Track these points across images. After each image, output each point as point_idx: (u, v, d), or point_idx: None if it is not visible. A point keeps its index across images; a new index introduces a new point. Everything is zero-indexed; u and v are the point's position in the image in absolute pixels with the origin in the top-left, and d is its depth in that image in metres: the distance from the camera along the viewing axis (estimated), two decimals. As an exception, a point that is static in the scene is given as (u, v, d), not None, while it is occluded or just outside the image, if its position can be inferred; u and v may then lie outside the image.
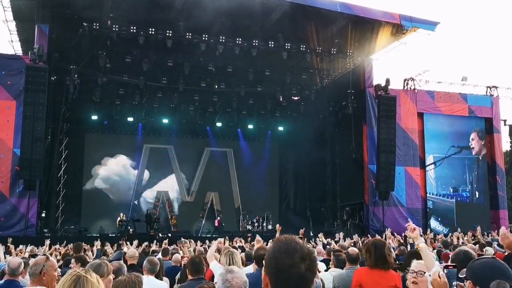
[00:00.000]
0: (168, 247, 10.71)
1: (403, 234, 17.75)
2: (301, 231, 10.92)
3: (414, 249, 7.49)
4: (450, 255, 7.86)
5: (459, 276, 2.66)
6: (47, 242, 13.77)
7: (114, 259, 8.69)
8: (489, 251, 8.09)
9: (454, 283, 2.77)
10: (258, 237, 8.37)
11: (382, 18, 25.15)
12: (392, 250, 6.70)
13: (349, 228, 25.80)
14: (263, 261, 2.16)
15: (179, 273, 7.42)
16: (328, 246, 11.85)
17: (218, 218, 29.29)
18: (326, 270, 7.14)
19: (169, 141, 31.88)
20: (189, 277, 5.17)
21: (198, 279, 5.00)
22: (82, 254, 8.43)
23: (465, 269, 2.58)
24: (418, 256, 5.85)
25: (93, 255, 10.78)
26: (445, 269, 2.95)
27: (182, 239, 15.71)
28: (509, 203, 34.12)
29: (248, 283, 2.69)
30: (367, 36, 25.94)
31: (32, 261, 5.01)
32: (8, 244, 12.94)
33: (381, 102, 25.45)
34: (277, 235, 8.87)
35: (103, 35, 23.36)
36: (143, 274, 5.81)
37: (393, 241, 14.56)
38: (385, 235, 16.33)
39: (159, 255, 9.63)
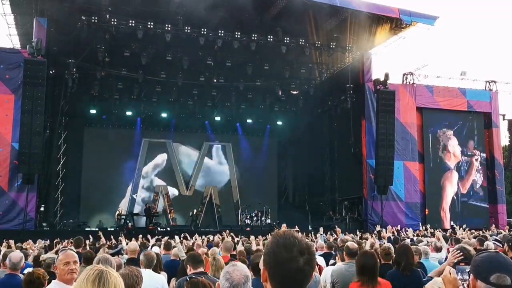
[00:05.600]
0: (170, 240, 10.69)
1: (397, 228, 17.91)
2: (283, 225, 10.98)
3: (405, 243, 7.53)
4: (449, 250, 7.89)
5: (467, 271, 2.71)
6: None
7: (114, 254, 8.71)
8: (490, 245, 8.11)
9: (459, 277, 2.83)
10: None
11: (382, 12, 25.10)
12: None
13: (348, 222, 25.87)
14: (262, 256, 2.17)
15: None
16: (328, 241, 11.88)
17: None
18: (333, 264, 7.15)
19: (168, 135, 31.85)
20: (191, 271, 5.18)
21: (200, 273, 5.00)
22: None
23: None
24: (410, 251, 5.87)
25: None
26: (455, 265, 2.99)
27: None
28: (508, 197, 34.20)
29: (249, 278, 2.70)
30: (366, 31, 25.86)
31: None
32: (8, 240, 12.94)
33: (380, 96, 25.44)
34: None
35: (102, 29, 23.29)
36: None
37: (389, 231, 14.67)
38: (383, 229, 16.41)
39: (155, 248, 9.63)
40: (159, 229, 24.44)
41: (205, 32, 24.05)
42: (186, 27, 23.76)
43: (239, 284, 2.61)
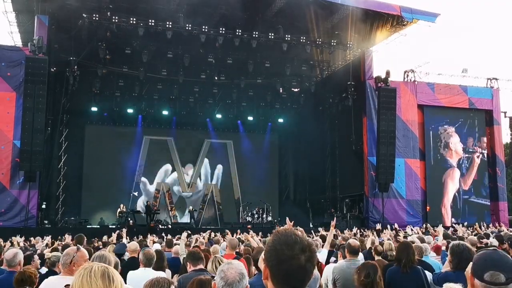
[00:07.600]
0: (172, 238, 10.72)
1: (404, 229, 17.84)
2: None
3: (407, 241, 7.53)
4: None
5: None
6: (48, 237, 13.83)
7: (116, 252, 8.73)
8: (494, 243, 8.10)
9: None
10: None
11: (383, 9, 25.06)
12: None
13: (349, 219, 25.87)
14: (263, 254, 2.17)
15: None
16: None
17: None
18: (334, 262, 7.16)
19: (169, 133, 31.85)
20: (191, 268, 5.20)
21: (199, 270, 5.02)
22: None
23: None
24: (411, 248, 5.82)
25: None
26: None
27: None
28: (509, 195, 34.19)
29: (245, 276, 2.71)
30: (367, 28, 25.87)
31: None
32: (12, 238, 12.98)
33: (381, 94, 25.43)
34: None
35: (103, 26, 23.30)
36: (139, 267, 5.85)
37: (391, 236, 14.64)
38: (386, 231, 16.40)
39: (156, 246, 9.65)
40: (160, 226, 24.47)
41: (206, 30, 24.03)
42: (187, 25, 23.74)
43: (234, 283, 2.63)
